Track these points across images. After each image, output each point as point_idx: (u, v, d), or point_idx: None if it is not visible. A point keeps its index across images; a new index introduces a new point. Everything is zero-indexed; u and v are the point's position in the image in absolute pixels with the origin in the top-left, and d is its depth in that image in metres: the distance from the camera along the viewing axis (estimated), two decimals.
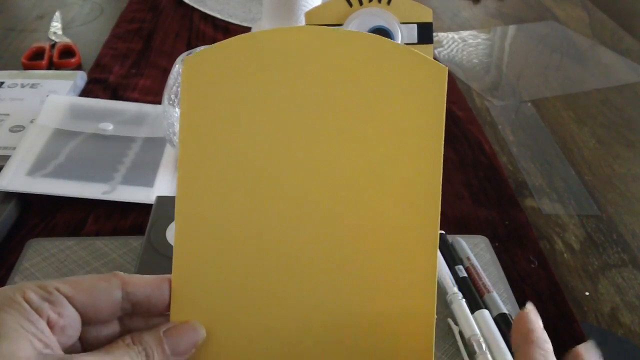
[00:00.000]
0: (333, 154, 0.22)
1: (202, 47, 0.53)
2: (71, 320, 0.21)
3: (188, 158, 0.23)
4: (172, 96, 0.50)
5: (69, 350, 0.21)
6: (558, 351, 0.39)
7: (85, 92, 0.66)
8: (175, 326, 0.22)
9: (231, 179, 0.23)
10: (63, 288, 0.21)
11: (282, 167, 0.23)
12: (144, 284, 0.22)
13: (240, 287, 0.23)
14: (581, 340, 0.41)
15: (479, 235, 0.48)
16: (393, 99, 0.22)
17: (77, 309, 0.21)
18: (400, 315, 0.22)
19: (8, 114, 0.59)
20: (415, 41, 0.51)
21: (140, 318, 0.23)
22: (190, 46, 0.78)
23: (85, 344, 0.22)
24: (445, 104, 0.22)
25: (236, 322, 0.23)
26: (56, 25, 0.80)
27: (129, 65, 0.73)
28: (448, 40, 0.84)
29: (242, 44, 0.23)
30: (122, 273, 0.22)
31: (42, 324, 0.20)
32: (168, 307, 0.23)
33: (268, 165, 0.23)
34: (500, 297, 0.41)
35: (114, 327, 0.23)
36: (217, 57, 0.23)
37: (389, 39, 0.22)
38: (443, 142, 0.22)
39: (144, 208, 0.49)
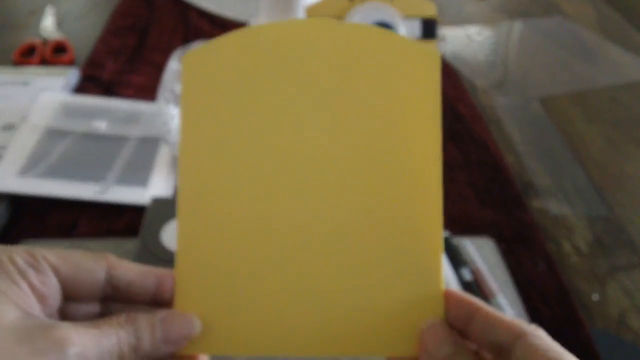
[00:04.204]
0: (333, 146, 0.23)
1: (198, 43, 0.52)
2: (53, 291, 0.21)
3: (190, 152, 0.23)
4: (167, 93, 0.49)
5: None
6: None
7: (78, 90, 0.65)
8: (172, 315, 0.23)
9: (234, 172, 0.23)
10: (50, 257, 0.21)
11: (283, 159, 0.23)
12: (130, 272, 0.23)
13: (245, 280, 0.23)
14: (589, 345, 0.40)
15: (485, 237, 0.47)
16: (389, 88, 0.23)
17: (59, 281, 0.21)
18: (409, 302, 0.23)
19: None
20: (419, 36, 0.51)
21: (122, 304, 0.24)
22: (186, 42, 0.77)
23: (63, 319, 0.22)
24: (440, 90, 0.23)
25: (239, 315, 0.23)
26: (48, 20, 0.79)
27: (123, 62, 0.72)
28: (452, 36, 0.83)
29: (241, 39, 0.23)
30: (113, 256, 0.23)
31: (26, 288, 0.20)
32: (150, 298, 0.23)
33: (269, 157, 0.23)
34: (507, 300, 0.41)
35: (93, 308, 0.23)
36: (216, 52, 0.23)
37: (381, 28, 0.23)
38: (441, 128, 0.23)
39: (138, 209, 0.48)
